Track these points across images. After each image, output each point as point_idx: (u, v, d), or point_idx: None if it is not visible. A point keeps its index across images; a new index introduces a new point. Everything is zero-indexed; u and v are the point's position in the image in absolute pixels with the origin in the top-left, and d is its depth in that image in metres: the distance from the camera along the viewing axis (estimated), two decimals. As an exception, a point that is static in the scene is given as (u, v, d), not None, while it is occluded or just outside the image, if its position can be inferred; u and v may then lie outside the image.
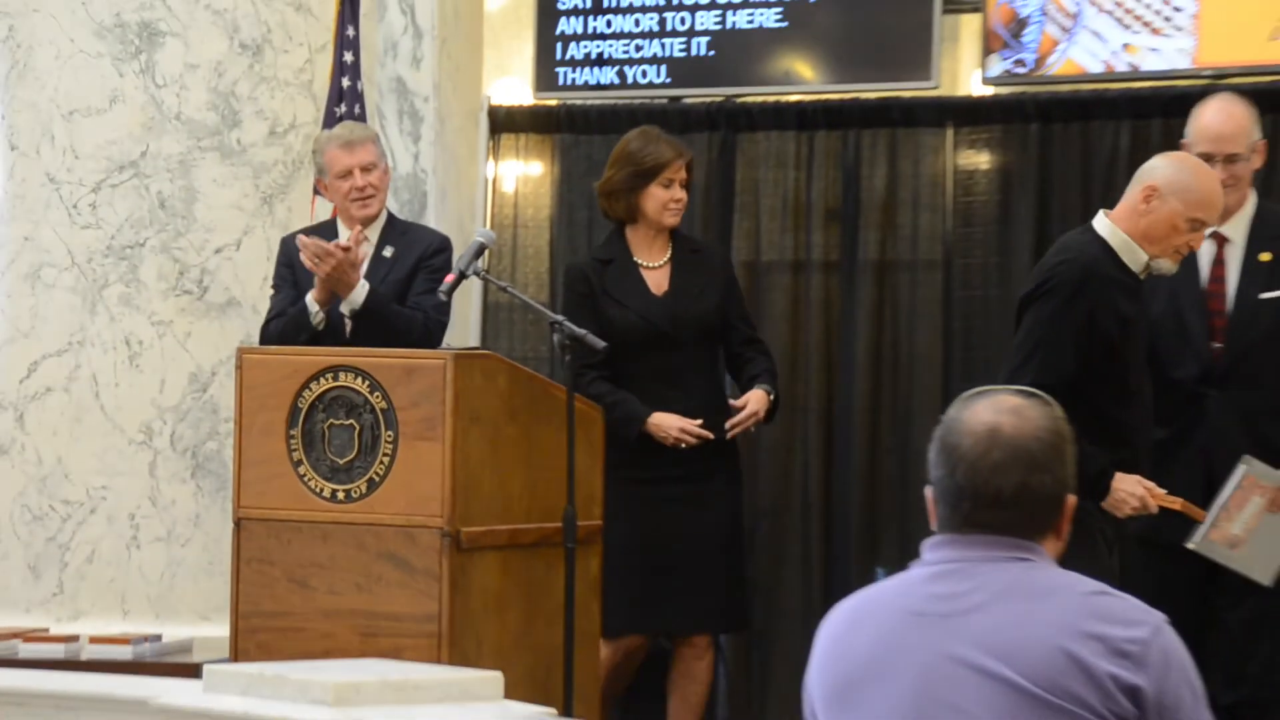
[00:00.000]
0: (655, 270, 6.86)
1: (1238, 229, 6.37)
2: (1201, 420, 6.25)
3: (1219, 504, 6.19)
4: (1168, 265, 5.95)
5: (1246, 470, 6.19)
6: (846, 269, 8.18)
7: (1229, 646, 6.41)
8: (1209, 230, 6.09)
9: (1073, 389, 5.49)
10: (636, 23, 8.41)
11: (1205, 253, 6.32)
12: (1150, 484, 5.85)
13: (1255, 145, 6.39)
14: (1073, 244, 5.97)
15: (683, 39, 8.38)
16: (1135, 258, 5.88)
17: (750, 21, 8.33)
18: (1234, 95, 6.63)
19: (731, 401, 6.84)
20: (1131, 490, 5.82)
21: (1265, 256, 6.34)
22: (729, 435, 6.81)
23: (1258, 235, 6.32)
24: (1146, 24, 7.72)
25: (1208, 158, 6.17)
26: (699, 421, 6.66)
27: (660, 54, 8.39)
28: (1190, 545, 6.15)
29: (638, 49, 8.41)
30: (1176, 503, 5.96)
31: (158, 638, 7.37)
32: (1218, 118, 6.42)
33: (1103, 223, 5.96)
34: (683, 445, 6.62)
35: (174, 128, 7.74)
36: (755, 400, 6.79)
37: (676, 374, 6.76)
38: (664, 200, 6.77)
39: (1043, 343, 5.81)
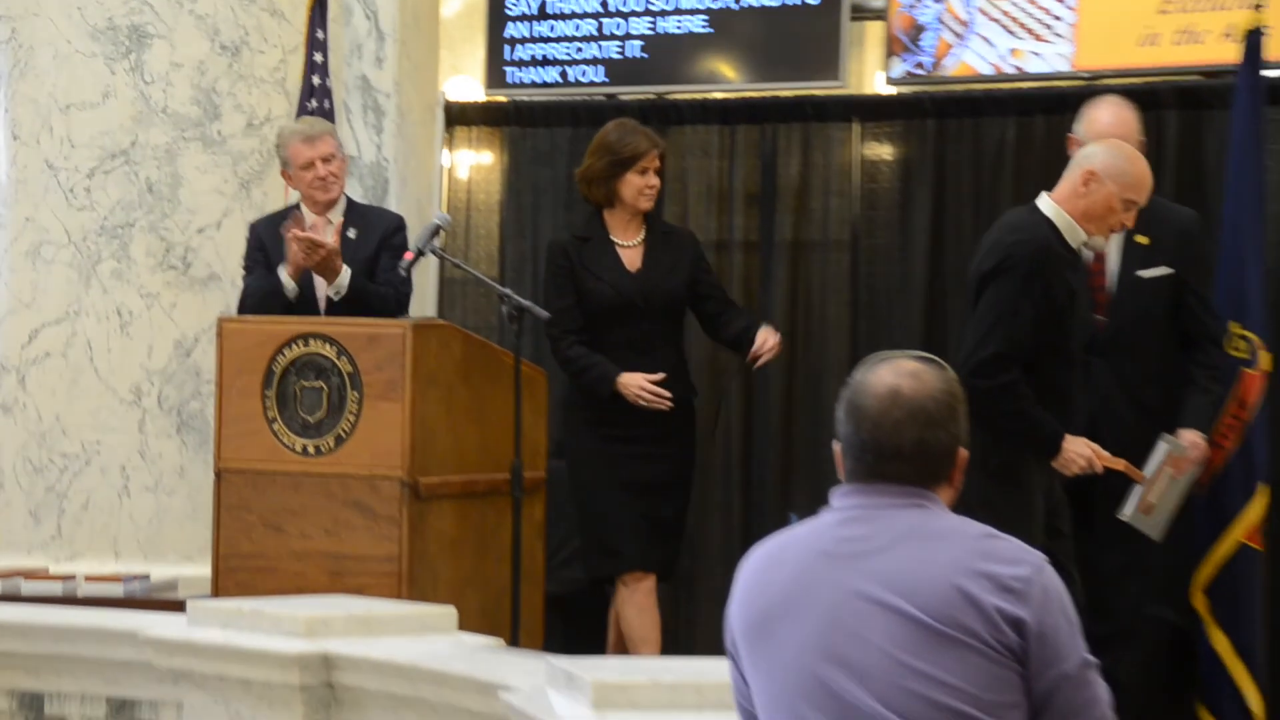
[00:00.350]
0: (630, 249, 6.83)
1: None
2: (1086, 385, 6.26)
3: (1147, 479, 6.22)
4: (1101, 242, 6.03)
5: (1169, 449, 6.21)
6: (764, 248, 8.19)
7: (1102, 586, 6.44)
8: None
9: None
10: (577, 27, 8.39)
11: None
12: (1096, 446, 5.90)
13: (1141, 144, 6.37)
14: (1023, 224, 5.99)
15: (619, 42, 8.36)
16: (1075, 235, 5.93)
17: (679, 27, 8.32)
18: (1121, 98, 6.60)
19: (762, 332, 6.80)
20: (1080, 451, 5.89)
21: (1142, 239, 6.33)
22: (755, 367, 6.90)
23: (1137, 220, 6.29)
24: (1030, 31, 7.74)
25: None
26: (660, 376, 6.65)
27: (598, 55, 8.38)
28: (1122, 517, 6.18)
29: (578, 50, 8.40)
30: (1120, 464, 6.00)
31: (146, 577, 7.35)
32: (1112, 119, 6.42)
33: (1047, 203, 5.98)
34: (642, 402, 6.60)
35: (160, 120, 7.74)
36: (767, 331, 6.81)
37: (646, 342, 6.74)
38: (639, 186, 6.76)
39: (1003, 316, 5.83)
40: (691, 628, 7.94)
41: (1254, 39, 6.88)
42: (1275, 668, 6.73)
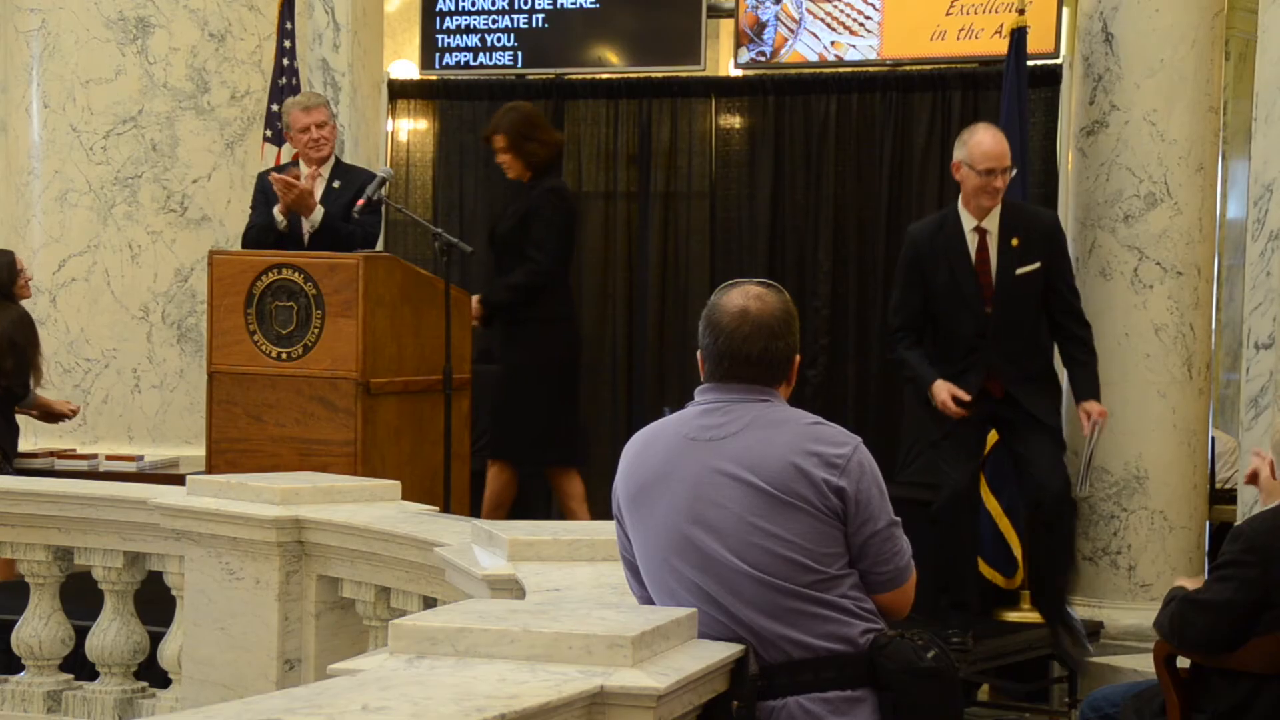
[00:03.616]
0: None
1: (993, 222, 5.96)
2: (979, 360, 6.02)
3: (1087, 457, 6.19)
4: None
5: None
6: (642, 198, 8.16)
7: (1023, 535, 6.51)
8: (972, 225, 5.94)
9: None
10: (494, 21, 8.29)
11: (971, 242, 5.97)
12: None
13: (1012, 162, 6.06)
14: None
15: (525, 16, 8.26)
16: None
17: (573, 3, 8.22)
18: (992, 125, 6.25)
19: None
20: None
21: (1015, 241, 5.98)
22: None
23: (1006, 225, 5.99)
24: (847, 27, 7.73)
25: (989, 172, 5.86)
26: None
27: (508, 43, 8.29)
28: (1083, 494, 6.19)
29: (497, 41, 8.31)
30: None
31: (147, 458, 7.36)
32: (994, 141, 5.94)
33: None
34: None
35: (162, 93, 7.76)
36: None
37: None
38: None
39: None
40: (585, 497, 7.94)
41: (1019, 36, 6.91)
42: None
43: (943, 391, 5.91)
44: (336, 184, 6.72)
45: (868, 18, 7.66)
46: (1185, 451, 7.06)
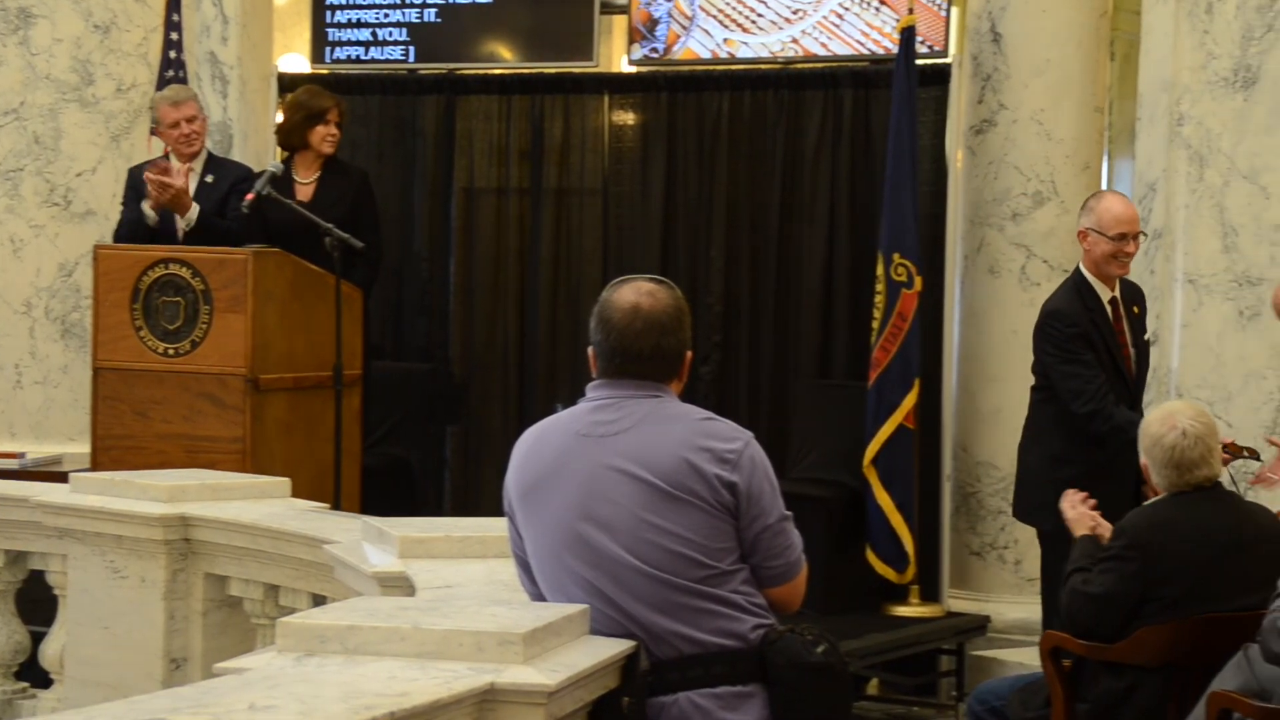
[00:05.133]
0: None
1: (1115, 291, 5.58)
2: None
3: None
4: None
5: None
6: (535, 194, 8.13)
7: None
8: (1108, 297, 5.53)
9: None
10: (386, 15, 8.24)
11: (1109, 313, 5.55)
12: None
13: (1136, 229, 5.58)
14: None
15: (417, 10, 8.22)
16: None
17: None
18: (1120, 192, 5.96)
19: None
20: None
21: (1136, 309, 5.64)
22: None
23: (1125, 293, 5.58)
24: (740, 25, 7.75)
25: (1122, 238, 5.44)
26: None
27: (400, 37, 8.24)
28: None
29: (389, 35, 8.25)
30: None
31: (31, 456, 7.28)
32: (1124, 206, 5.55)
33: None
34: None
35: (45, 85, 7.68)
36: None
37: None
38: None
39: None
40: (478, 493, 7.92)
41: (908, 36, 6.97)
42: (922, 518, 6.88)
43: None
44: (210, 179, 6.67)
45: (760, 15, 7.69)
46: (1071, 447, 7.16)
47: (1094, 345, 5.48)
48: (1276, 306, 5.36)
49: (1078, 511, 4.77)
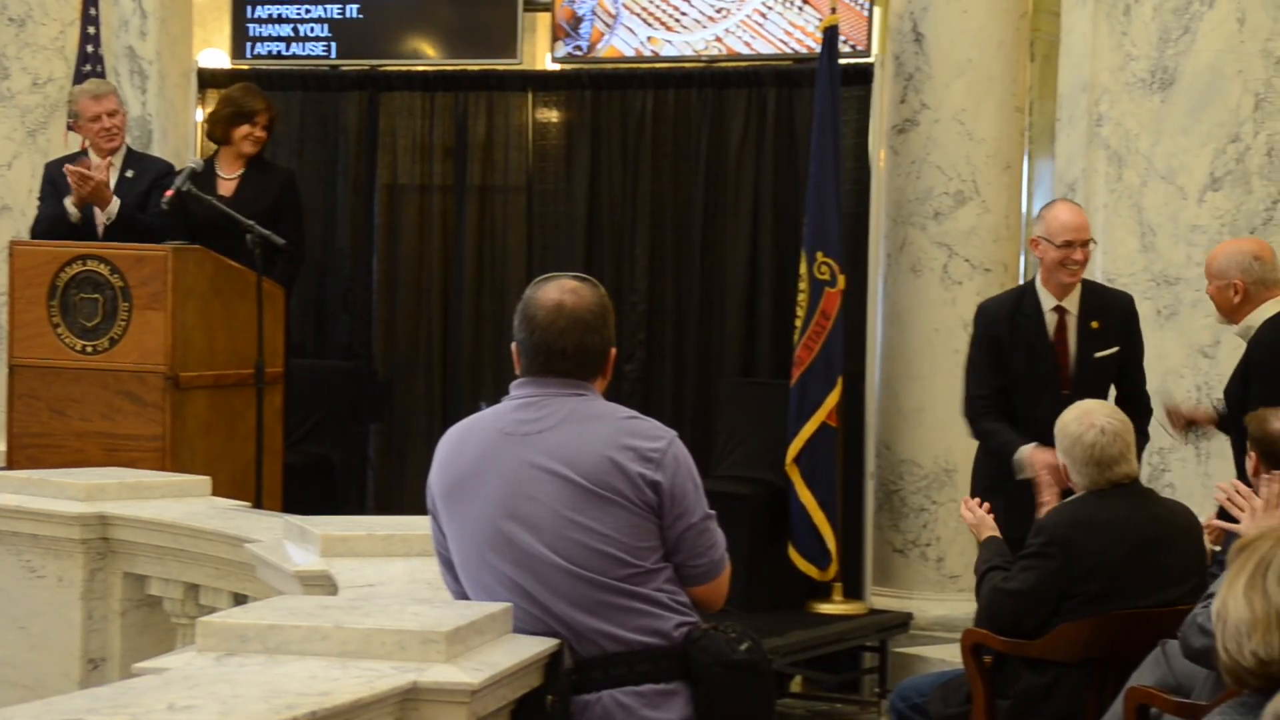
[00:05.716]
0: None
1: (1073, 303, 5.48)
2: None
3: None
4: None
5: None
6: (459, 191, 8.11)
7: None
8: (1052, 305, 5.46)
9: None
10: (307, 10, 8.19)
11: (1050, 322, 5.48)
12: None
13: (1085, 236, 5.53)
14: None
15: (339, 6, 8.17)
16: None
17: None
18: (1070, 200, 5.89)
19: None
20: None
21: (1095, 324, 5.52)
22: None
23: (1087, 307, 5.50)
24: (663, 23, 7.76)
25: (1069, 245, 5.37)
26: None
27: (322, 34, 8.19)
28: None
29: (311, 31, 8.20)
30: None
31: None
32: (1072, 213, 5.49)
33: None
34: None
35: None
36: None
37: None
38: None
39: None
40: (401, 490, 7.89)
41: (831, 35, 7.00)
42: (845, 515, 6.91)
43: (1040, 461, 5.07)
44: (130, 174, 6.62)
45: (684, 13, 7.71)
46: (992, 445, 7.22)
47: (1005, 349, 5.48)
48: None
49: (977, 516, 4.81)
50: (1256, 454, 4.25)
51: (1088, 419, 4.47)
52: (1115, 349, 5.52)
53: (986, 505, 4.87)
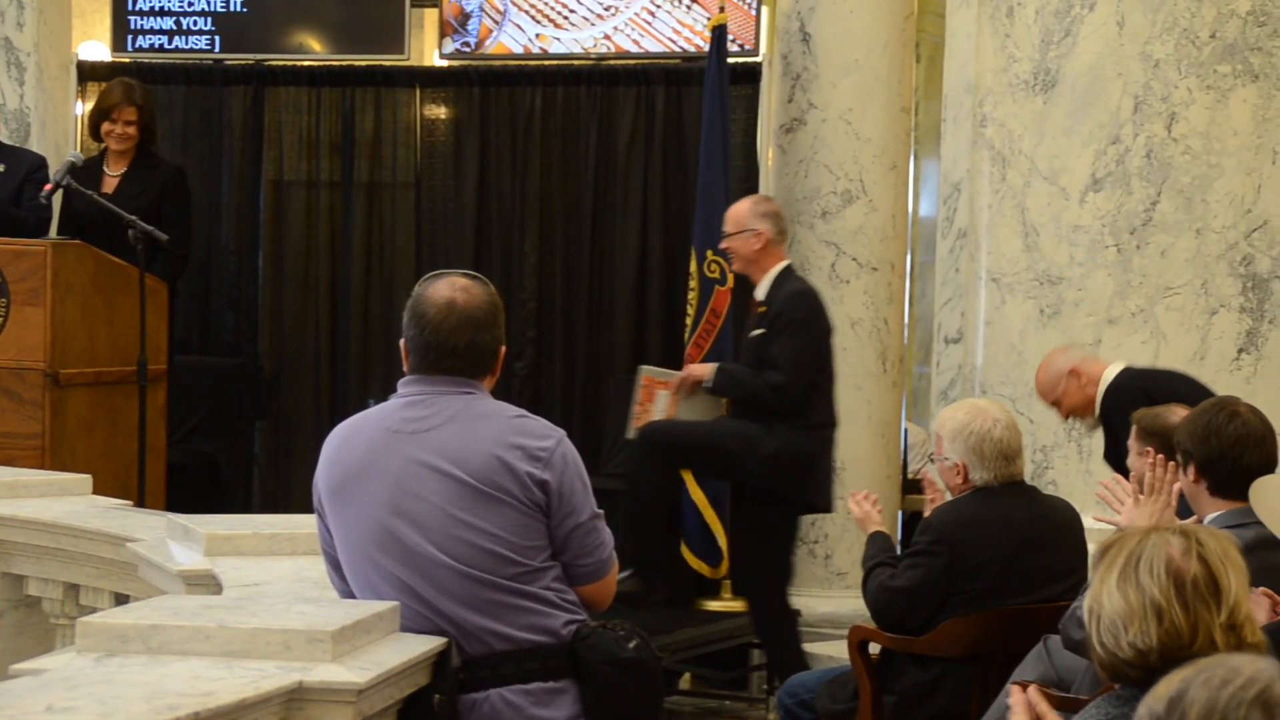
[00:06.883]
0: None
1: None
2: None
3: (632, 407, 6.11)
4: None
5: (643, 371, 6.15)
6: (345, 187, 8.07)
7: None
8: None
9: None
10: (190, 3, 8.09)
11: None
12: None
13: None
14: None
15: (223, 4, 8.08)
16: None
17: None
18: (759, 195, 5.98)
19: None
20: None
21: (762, 308, 5.84)
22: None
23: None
24: (552, 21, 7.77)
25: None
26: None
27: (205, 27, 8.10)
28: (628, 436, 6.12)
29: (194, 24, 8.11)
30: None
31: None
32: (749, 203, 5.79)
33: None
34: None
35: None
36: None
37: None
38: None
39: None
40: (289, 487, 7.83)
41: (719, 34, 7.04)
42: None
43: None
44: (1, 167, 6.49)
45: (572, 11, 7.71)
46: (880, 443, 7.30)
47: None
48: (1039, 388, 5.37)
49: (864, 510, 4.86)
50: (1154, 449, 4.22)
51: (983, 414, 4.49)
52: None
53: (874, 497, 4.92)
